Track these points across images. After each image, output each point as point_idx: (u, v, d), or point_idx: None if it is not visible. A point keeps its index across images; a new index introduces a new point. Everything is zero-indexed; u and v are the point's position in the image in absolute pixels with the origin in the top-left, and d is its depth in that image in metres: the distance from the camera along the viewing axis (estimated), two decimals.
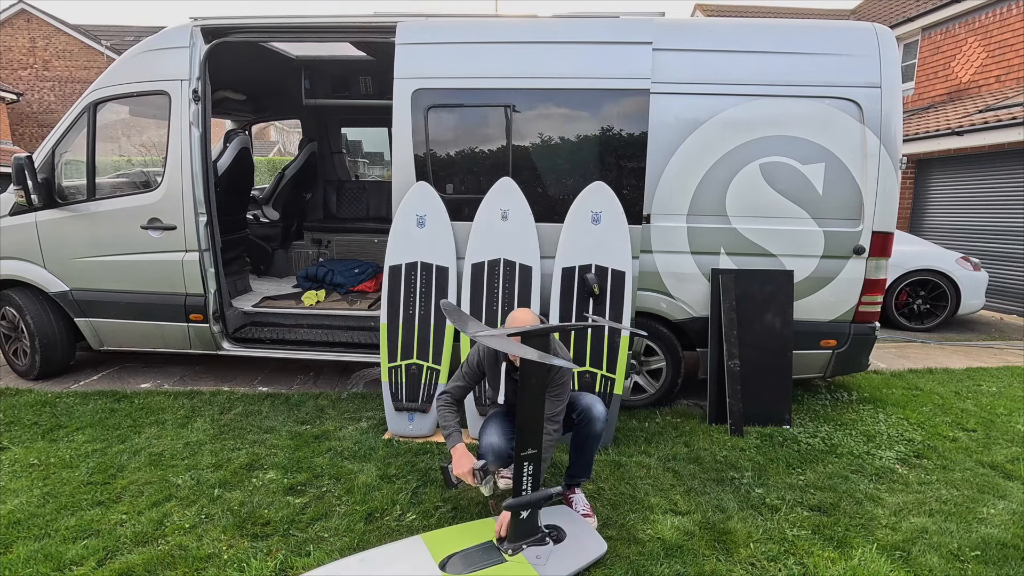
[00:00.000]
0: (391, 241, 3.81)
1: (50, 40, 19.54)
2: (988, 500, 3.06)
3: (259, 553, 2.52)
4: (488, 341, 2.35)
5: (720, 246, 3.92)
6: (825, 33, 3.84)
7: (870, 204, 3.82)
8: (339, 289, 5.56)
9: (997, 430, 3.96)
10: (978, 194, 9.20)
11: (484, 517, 2.81)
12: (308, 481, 3.13)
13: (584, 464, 2.86)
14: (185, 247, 4.23)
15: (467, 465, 2.52)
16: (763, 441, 3.69)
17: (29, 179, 4.25)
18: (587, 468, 2.88)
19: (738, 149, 3.82)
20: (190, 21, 4.14)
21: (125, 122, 4.77)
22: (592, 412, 2.74)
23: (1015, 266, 8.52)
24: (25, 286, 4.61)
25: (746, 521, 2.82)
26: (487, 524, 2.63)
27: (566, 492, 2.92)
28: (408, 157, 3.91)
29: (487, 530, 2.57)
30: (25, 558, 2.47)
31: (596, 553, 2.50)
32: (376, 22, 4.03)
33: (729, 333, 3.90)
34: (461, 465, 2.54)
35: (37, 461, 3.32)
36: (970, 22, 10.45)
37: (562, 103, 3.88)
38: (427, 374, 3.74)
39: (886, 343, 6.41)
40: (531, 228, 3.78)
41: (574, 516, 2.75)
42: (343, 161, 7.28)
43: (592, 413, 2.74)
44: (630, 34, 3.81)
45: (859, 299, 3.96)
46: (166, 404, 4.18)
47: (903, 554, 2.61)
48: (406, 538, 2.59)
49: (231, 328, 4.54)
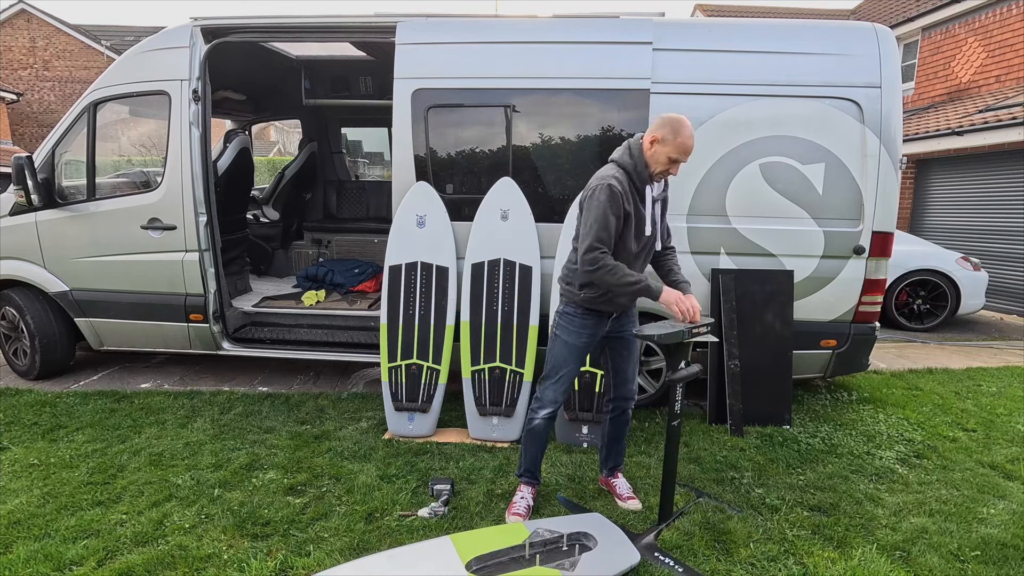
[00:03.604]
0: (391, 241, 3.81)
1: (50, 40, 19.54)
2: (988, 500, 3.06)
3: (259, 553, 2.52)
4: None
5: (720, 246, 3.92)
6: (825, 33, 3.84)
7: (870, 204, 3.82)
8: (339, 289, 5.56)
9: (997, 430, 3.96)
10: (978, 194, 9.20)
11: (485, 517, 2.81)
12: (308, 481, 3.13)
13: (621, 449, 3.03)
14: (185, 247, 4.23)
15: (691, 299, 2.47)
16: (763, 441, 3.69)
17: (29, 179, 4.25)
18: (623, 453, 3.06)
19: (738, 149, 3.82)
20: (190, 21, 4.14)
21: (125, 122, 4.77)
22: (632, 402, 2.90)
23: (1015, 266, 8.52)
24: (25, 286, 4.61)
25: (746, 521, 2.82)
26: (517, 528, 2.61)
27: (607, 478, 3.05)
28: (408, 157, 3.91)
29: (516, 534, 2.55)
30: (25, 558, 2.46)
31: (628, 563, 2.43)
32: (376, 22, 4.03)
33: (729, 333, 3.91)
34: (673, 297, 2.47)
35: (37, 461, 3.32)
36: (970, 22, 10.45)
37: (562, 103, 3.88)
38: (427, 374, 3.74)
39: (886, 343, 6.41)
40: (531, 228, 3.78)
41: (606, 524, 2.68)
42: (343, 161, 7.28)
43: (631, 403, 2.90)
44: (630, 34, 3.81)
45: (859, 299, 3.96)
46: (166, 404, 4.18)
47: (903, 554, 2.61)
48: (435, 538, 2.59)
49: (231, 328, 4.54)
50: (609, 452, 3.01)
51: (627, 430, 2.99)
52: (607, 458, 3.03)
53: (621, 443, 3.00)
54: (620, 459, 3.05)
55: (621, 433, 2.96)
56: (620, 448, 3.02)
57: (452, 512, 2.84)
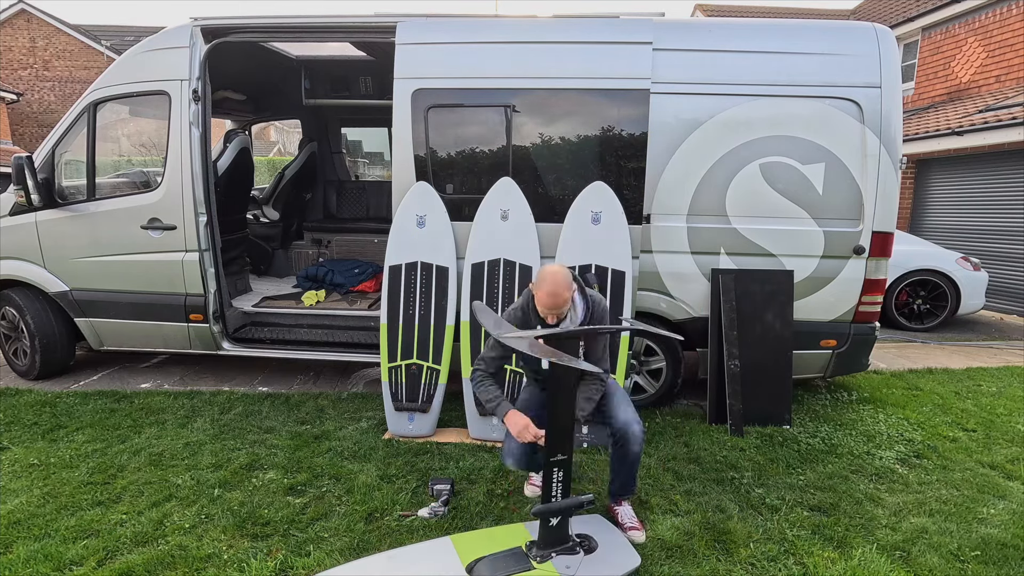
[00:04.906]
0: (391, 241, 3.81)
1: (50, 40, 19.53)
2: (988, 500, 3.06)
3: (259, 553, 2.52)
4: (517, 343, 2.28)
5: (720, 246, 3.92)
6: (825, 33, 3.84)
7: (870, 204, 3.82)
8: (339, 289, 5.56)
9: (997, 430, 3.96)
10: (978, 194, 9.19)
11: (484, 517, 2.81)
12: (308, 481, 3.13)
13: (625, 481, 2.76)
14: (185, 247, 4.23)
15: (523, 422, 2.46)
16: (763, 441, 3.69)
17: (29, 179, 4.25)
18: (629, 484, 2.79)
19: (738, 149, 3.82)
20: (190, 21, 4.14)
21: (125, 122, 4.77)
22: (629, 433, 2.61)
23: (1015, 266, 8.52)
24: (25, 286, 4.61)
25: (746, 521, 2.82)
26: (517, 529, 2.61)
27: (611, 505, 2.83)
28: (408, 157, 3.91)
29: (517, 535, 2.55)
30: (25, 558, 2.47)
31: (629, 566, 2.42)
32: (376, 22, 4.03)
33: (729, 333, 3.90)
34: (516, 425, 2.46)
35: (37, 461, 3.32)
36: (970, 22, 10.44)
37: (562, 103, 3.88)
38: (427, 374, 3.74)
39: (886, 343, 6.41)
40: (531, 228, 3.78)
41: (607, 526, 2.67)
42: (343, 161, 7.28)
43: (629, 434, 2.61)
44: (630, 34, 3.81)
45: (859, 299, 3.96)
46: (166, 404, 4.18)
47: (903, 554, 2.61)
48: (435, 538, 2.59)
49: (231, 328, 4.54)
50: (612, 478, 2.81)
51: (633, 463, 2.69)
52: (611, 484, 2.84)
53: (625, 471, 2.73)
54: (624, 489, 2.79)
55: (623, 463, 2.70)
56: (624, 477, 2.75)
57: (452, 512, 2.84)
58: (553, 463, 2.37)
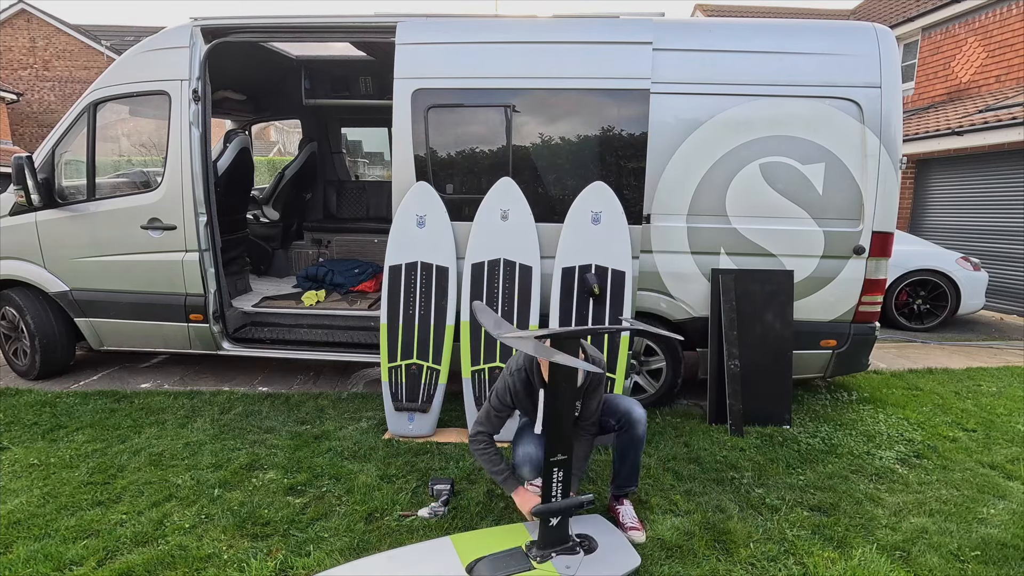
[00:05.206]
0: (391, 241, 3.81)
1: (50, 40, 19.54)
2: (988, 500, 3.06)
3: (259, 553, 2.52)
4: (517, 343, 2.29)
5: (720, 246, 3.92)
6: (825, 33, 3.84)
7: (870, 204, 3.82)
8: (339, 289, 5.56)
9: (997, 430, 3.96)
10: (978, 194, 9.19)
11: (484, 517, 2.81)
12: (308, 481, 3.13)
13: (629, 471, 2.77)
14: (185, 247, 4.23)
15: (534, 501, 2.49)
16: (763, 441, 3.69)
17: (29, 179, 4.25)
18: (633, 475, 2.79)
19: (738, 149, 3.82)
20: (190, 21, 4.14)
21: (125, 122, 4.77)
22: (632, 415, 2.66)
23: (1015, 266, 8.52)
24: (25, 286, 4.61)
25: (746, 521, 2.82)
26: (517, 529, 2.61)
27: (613, 504, 2.83)
28: (408, 157, 3.91)
29: (517, 535, 2.55)
30: (25, 558, 2.47)
31: (629, 566, 2.42)
32: (376, 22, 4.03)
33: (729, 333, 3.90)
34: (527, 504, 2.52)
35: (37, 461, 3.32)
36: (970, 22, 10.44)
37: (562, 103, 3.88)
38: (427, 374, 3.74)
39: (886, 343, 6.41)
40: (531, 228, 3.78)
41: (607, 526, 2.67)
42: (343, 161, 7.28)
43: (632, 416, 2.66)
44: (630, 34, 3.81)
45: (859, 299, 3.96)
46: (166, 404, 4.18)
47: (903, 554, 2.61)
48: (435, 538, 2.59)
49: (231, 328, 4.54)
50: (615, 470, 2.80)
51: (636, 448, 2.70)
52: (613, 476, 2.83)
53: (629, 461, 2.73)
54: (629, 480, 2.79)
55: (627, 449, 2.71)
56: (628, 467, 2.75)
57: (452, 512, 2.84)
58: (553, 463, 2.37)
